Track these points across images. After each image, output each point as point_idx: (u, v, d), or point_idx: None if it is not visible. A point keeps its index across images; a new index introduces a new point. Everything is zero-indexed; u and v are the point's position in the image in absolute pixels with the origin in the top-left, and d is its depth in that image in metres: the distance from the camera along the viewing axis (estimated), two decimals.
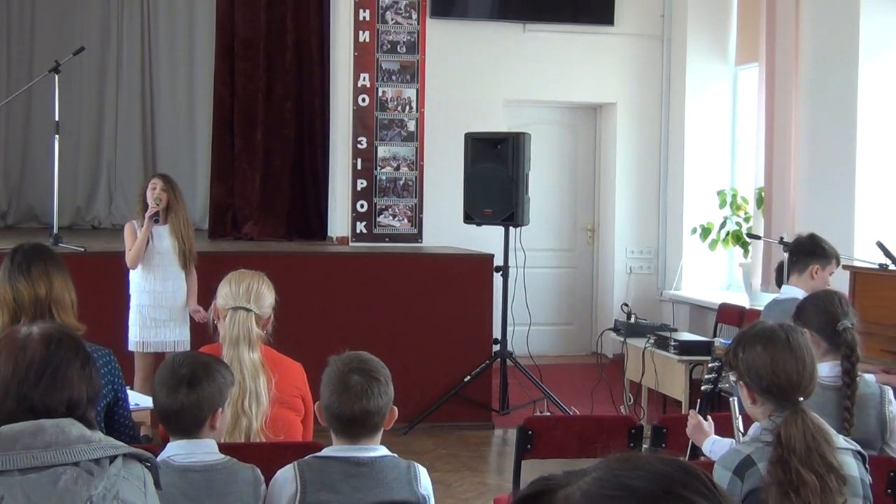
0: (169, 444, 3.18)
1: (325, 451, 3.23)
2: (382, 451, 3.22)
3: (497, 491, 6.25)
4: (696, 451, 3.76)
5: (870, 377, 5.40)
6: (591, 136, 10.86)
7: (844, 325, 3.89)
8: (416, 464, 3.28)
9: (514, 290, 8.72)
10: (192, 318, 7.07)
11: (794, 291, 5.50)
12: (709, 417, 3.84)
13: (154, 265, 7.03)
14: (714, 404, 3.99)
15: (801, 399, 3.14)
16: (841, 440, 3.20)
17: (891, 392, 4.05)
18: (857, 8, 7.71)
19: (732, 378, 3.35)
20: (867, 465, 3.22)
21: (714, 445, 3.70)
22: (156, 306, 7.03)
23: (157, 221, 7.01)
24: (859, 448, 3.25)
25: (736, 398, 3.53)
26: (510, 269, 8.62)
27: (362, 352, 3.30)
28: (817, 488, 2.97)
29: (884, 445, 3.96)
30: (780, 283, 6.37)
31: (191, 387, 3.15)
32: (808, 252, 5.72)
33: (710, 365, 4.10)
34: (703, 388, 3.93)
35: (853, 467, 3.15)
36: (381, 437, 3.26)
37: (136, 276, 7.07)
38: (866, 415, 3.90)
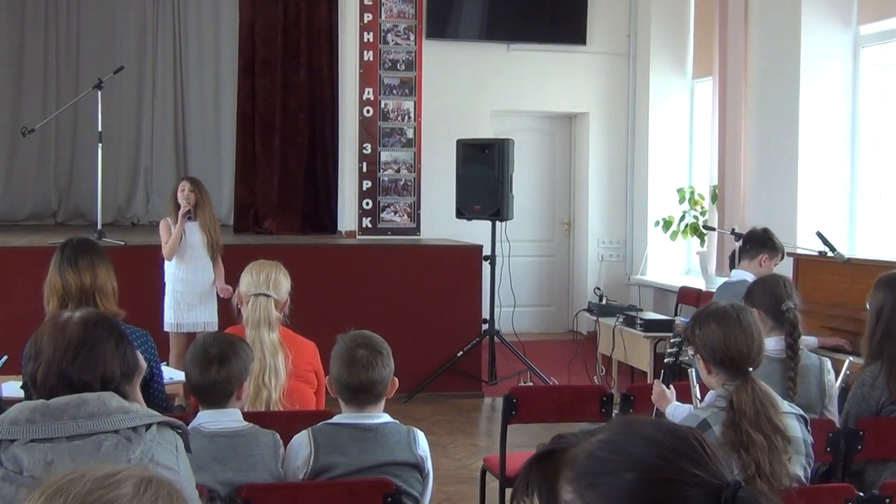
0: (199, 414, 3.17)
1: (335, 419, 3.22)
2: (385, 417, 3.22)
3: (486, 452, 6.24)
4: (660, 416, 3.76)
5: (811, 340, 5.43)
6: (566, 142, 10.84)
7: (788, 306, 3.88)
8: (415, 429, 3.27)
9: (501, 276, 8.71)
10: (218, 302, 7.05)
11: (744, 275, 5.49)
12: (671, 386, 3.83)
13: (186, 257, 7.02)
14: (675, 374, 3.98)
15: (751, 370, 3.13)
16: (786, 405, 3.20)
17: (829, 363, 4.05)
18: (799, 27, 7.70)
19: (690, 352, 3.34)
20: (809, 427, 3.22)
21: (675, 410, 3.69)
22: (188, 292, 7.01)
23: (190, 218, 7.00)
24: (802, 412, 3.25)
25: (694, 369, 3.52)
26: (497, 258, 8.60)
27: (366, 330, 3.29)
28: (765, 447, 2.97)
29: (823, 409, 3.95)
30: (733, 268, 6.38)
31: (221, 364, 3.15)
32: (760, 242, 5.71)
33: (671, 340, 4.09)
34: (665, 360, 3.92)
35: (797, 429, 3.14)
36: (383, 405, 3.25)
37: (170, 266, 7.05)
38: (808, 383, 3.89)
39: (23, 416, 2.28)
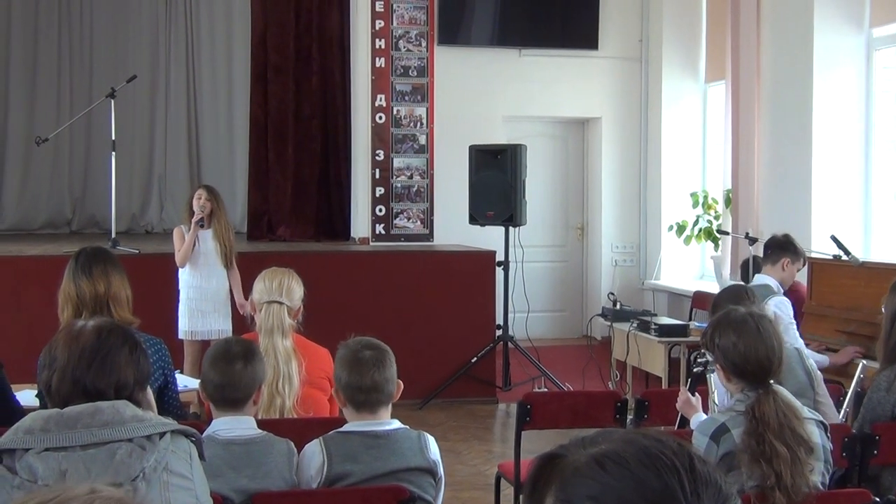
0: (214, 421, 3.17)
1: (346, 427, 3.21)
2: (396, 424, 3.22)
3: (501, 457, 6.23)
4: (685, 423, 3.76)
5: (821, 359, 5.53)
6: (579, 147, 10.83)
7: None
8: (425, 433, 3.27)
9: (514, 281, 8.70)
10: (232, 310, 7.06)
11: (765, 279, 5.58)
12: (696, 394, 3.83)
13: (200, 264, 7.03)
14: (701, 382, 3.98)
15: (772, 381, 3.13)
16: (806, 411, 3.19)
17: (805, 349, 4.14)
18: (811, 30, 7.67)
19: (710, 357, 3.35)
20: (829, 434, 3.21)
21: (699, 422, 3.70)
22: (202, 300, 7.02)
23: (202, 226, 7.01)
24: (821, 418, 3.24)
25: (713, 374, 3.53)
26: (510, 264, 8.59)
27: (365, 336, 3.31)
28: (788, 460, 2.95)
29: (815, 396, 3.97)
30: (744, 276, 6.42)
31: (246, 361, 3.17)
32: (781, 247, 5.80)
33: (702, 350, 4.09)
34: (694, 370, 3.89)
35: (816, 435, 3.13)
36: (391, 411, 3.25)
37: (184, 274, 7.07)
38: (794, 370, 3.95)
39: (37, 426, 2.29)
